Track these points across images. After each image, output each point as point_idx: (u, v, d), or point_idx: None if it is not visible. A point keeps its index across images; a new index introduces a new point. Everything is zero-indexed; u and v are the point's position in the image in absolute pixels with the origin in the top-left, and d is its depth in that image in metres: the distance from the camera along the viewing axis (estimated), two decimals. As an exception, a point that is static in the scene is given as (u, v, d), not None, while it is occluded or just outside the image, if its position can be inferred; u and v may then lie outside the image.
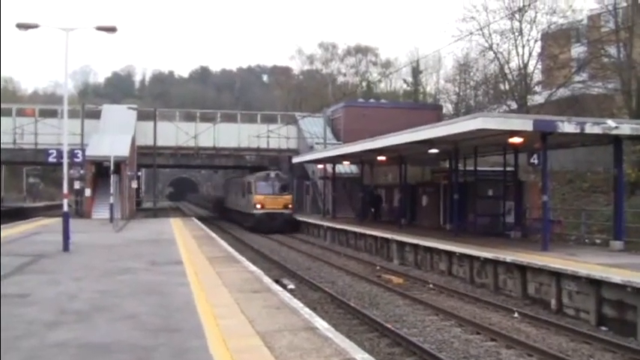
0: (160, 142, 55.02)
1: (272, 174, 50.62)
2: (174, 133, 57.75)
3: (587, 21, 48.80)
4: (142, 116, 57.42)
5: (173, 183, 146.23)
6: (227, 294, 14.45)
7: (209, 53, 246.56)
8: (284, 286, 19.69)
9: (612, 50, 42.16)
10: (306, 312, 12.71)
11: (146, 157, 55.91)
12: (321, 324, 11.61)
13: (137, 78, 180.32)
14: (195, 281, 16.25)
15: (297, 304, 13.62)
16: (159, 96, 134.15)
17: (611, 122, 22.88)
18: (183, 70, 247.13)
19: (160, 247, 25.70)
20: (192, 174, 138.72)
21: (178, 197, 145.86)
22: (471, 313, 18.46)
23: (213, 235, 33.55)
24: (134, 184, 51.55)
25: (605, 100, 42.88)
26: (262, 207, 48.97)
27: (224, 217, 68.88)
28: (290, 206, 50.40)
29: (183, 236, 31.56)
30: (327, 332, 10.89)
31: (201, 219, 55.16)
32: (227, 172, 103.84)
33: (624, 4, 40.70)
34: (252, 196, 49.64)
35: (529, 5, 45.96)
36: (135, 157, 52.90)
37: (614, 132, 22.71)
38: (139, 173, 67.49)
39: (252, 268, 19.76)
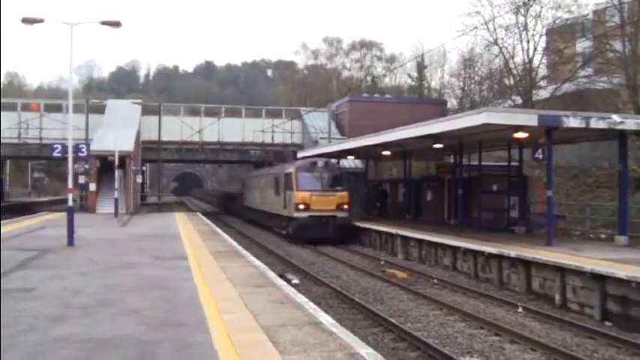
0: (165, 137, 55.06)
1: (320, 162, 38.22)
2: (178, 128, 57.68)
3: (593, 15, 48.72)
4: (146, 111, 57.47)
5: (177, 178, 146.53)
6: (231, 288, 14.46)
7: (214, 48, 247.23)
8: (288, 281, 19.68)
9: (617, 45, 42.09)
10: (311, 307, 12.71)
11: (151, 151, 56.07)
12: (325, 319, 11.62)
13: (142, 73, 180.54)
14: (199, 276, 16.26)
15: (301, 298, 13.63)
16: (163, 91, 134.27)
17: (616, 117, 22.84)
18: (187, 65, 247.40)
19: (165, 242, 25.72)
20: (196, 169, 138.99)
21: (183, 192, 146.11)
22: (475, 308, 18.46)
23: (218, 229, 33.58)
24: (139, 179, 51.60)
25: (610, 95, 42.86)
26: (307, 208, 36.26)
27: (244, 218, 58.22)
28: (346, 207, 36.94)
29: (188, 231, 31.59)
30: (331, 327, 10.89)
31: (205, 214, 55.28)
32: (232, 167, 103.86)
33: (630, -1, 40.63)
34: (293, 194, 36.74)
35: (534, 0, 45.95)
36: (139, 152, 52.97)
37: (619, 127, 22.64)
38: (144, 168, 67.55)
39: (257, 262, 19.78)
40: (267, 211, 45.25)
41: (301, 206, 36.26)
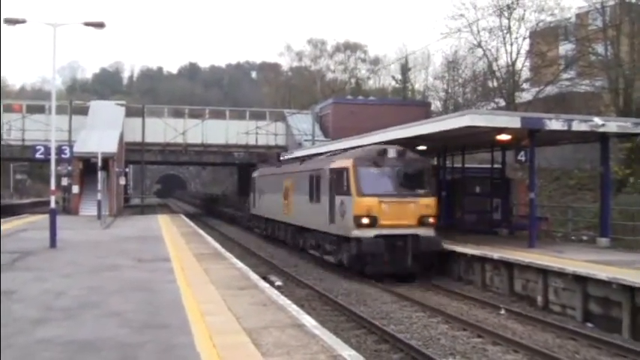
0: (148, 139, 55.02)
1: (391, 150, 24.81)
2: (162, 130, 57.55)
3: (575, 19, 49.00)
4: (130, 112, 57.32)
5: (161, 180, 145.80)
6: (214, 291, 14.45)
7: (198, 49, 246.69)
8: (271, 283, 19.68)
9: (600, 48, 42.39)
10: (294, 309, 12.73)
11: (134, 153, 55.93)
12: (308, 321, 11.64)
13: (125, 74, 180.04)
14: (182, 278, 16.24)
15: (284, 300, 13.65)
16: (147, 92, 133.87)
17: (598, 120, 23.02)
18: (171, 67, 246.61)
19: (147, 244, 25.63)
20: (180, 171, 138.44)
21: (166, 194, 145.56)
22: (458, 310, 18.53)
23: (201, 231, 33.51)
24: (122, 181, 51.43)
25: (592, 97, 43.10)
26: (373, 223, 23.30)
27: (244, 227, 50.66)
28: (432, 220, 24.07)
29: (171, 233, 31.51)
30: (314, 329, 10.91)
31: (188, 216, 55.13)
32: (215, 169, 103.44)
33: (612, 3, 40.89)
34: (351, 200, 23.71)
35: (517, 3, 46.19)
36: (123, 154, 52.77)
37: (601, 130, 22.83)
38: (127, 170, 67.35)
39: (240, 264, 19.76)
40: (297, 225, 32.04)
41: (364, 220, 23.31)
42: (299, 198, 31.01)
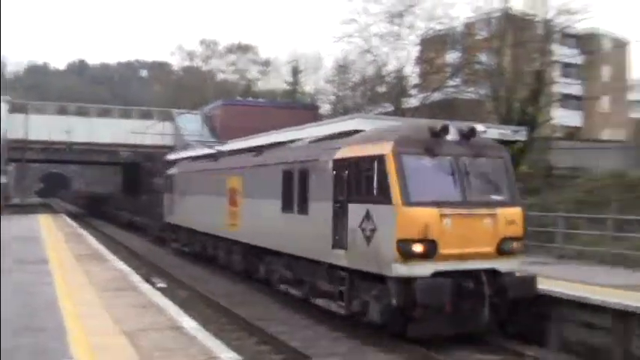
0: (32, 136, 53.33)
1: (453, 129, 15.03)
2: (46, 127, 55.90)
3: (463, 28, 50.21)
4: (14, 108, 55.50)
5: (44, 178, 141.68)
6: (93, 293, 14.21)
7: (87, 46, 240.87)
8: (153, 285, 19.45)
9: (484, 57, 43.64)
10: (174, 311, 12.64)
11: (16, 151, 54.10)
12: (188, 323, 11.57)
13: (10, 69, 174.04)
14: (60, 280, 15.88)
15: (164, 302, 13.53)
16: (32, 88, 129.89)
17: (479, 126, 23.62)
18: (59, 63, 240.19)
19: (26, 245, 24.85)
20: (64, 169, 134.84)
21: (49, 193, 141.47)
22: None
23: (83, 232, 32.81)
24: (3, 180, 49.75)
25: (476, 105, 44.27)
26: (431, 252, 13.73)
27: (159, 239, 40.14)
28: (516, 245, 14.73)
29: (52, 233, 30.72)
30: (193, 331, 10.86)
31: (71, 216, 53.89)
32: (102, 167, 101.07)
33: (497, 14, 42.20)
34: (392, 211, 13.89)
35: (408, 10, 46.93)
36: (5, 152, 51.04)
37: (483, 136, 23.46)
38: (10, 168, 65.23)
39: (121, 266, 19.48)
40: (254, 245, 22.24)
41: (416, 247, 13.79)
42: (259, 205, 21.76)
